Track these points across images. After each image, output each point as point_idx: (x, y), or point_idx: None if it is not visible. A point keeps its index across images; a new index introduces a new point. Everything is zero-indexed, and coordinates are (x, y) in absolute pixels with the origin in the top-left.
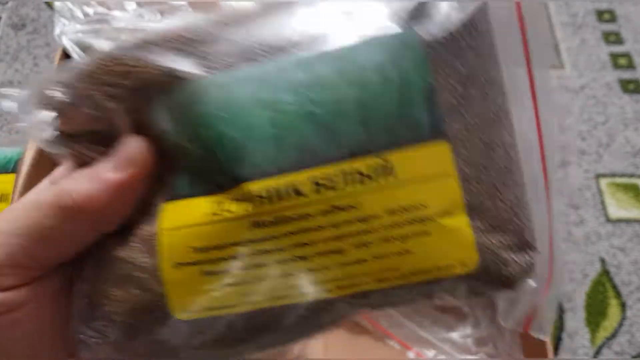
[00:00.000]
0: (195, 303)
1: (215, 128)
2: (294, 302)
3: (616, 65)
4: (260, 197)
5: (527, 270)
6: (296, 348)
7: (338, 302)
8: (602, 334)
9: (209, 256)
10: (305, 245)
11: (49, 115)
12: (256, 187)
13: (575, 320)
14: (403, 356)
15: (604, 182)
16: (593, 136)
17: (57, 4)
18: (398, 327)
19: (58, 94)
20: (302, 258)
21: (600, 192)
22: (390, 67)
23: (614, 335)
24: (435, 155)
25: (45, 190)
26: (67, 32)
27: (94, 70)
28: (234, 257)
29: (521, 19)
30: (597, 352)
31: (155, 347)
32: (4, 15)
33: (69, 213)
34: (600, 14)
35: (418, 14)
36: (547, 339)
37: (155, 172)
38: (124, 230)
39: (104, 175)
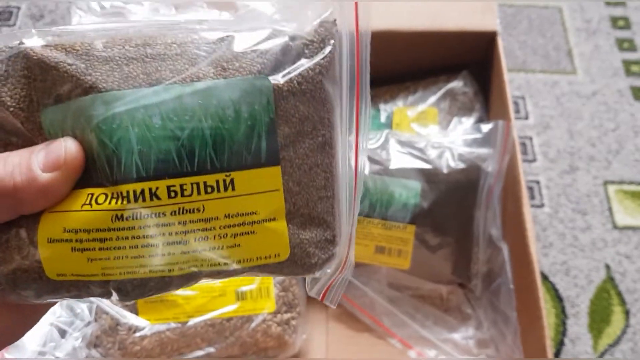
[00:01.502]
0: (64, 270)
1: (97, 137)
2: (143, 276)
3: (629, 72)
4: (124, 196)
5: (328, 261)
6: (298, 344)
7: (175, 279)
8: (605, 340)
9: (76, 236)
10: (156, 236)
11: None
12: (121, 188)
13: (579, 326)
14: (404, 355)
15: (612, 188)
16: (603, 142)
17: None
18: (400, 326)
19: None
20: (153, 245)
21: (608, 198)
22: (243, 105)
23: (616, 342)
24: (269, 176)
25: None
26: (83, 24)
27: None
28: (96, 240)
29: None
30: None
31: (33, 295)
32: (23, 6)
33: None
34: (614, 20)
35: (272, 61)
36: (333, 306)
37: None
38: None
39: (34, 171)
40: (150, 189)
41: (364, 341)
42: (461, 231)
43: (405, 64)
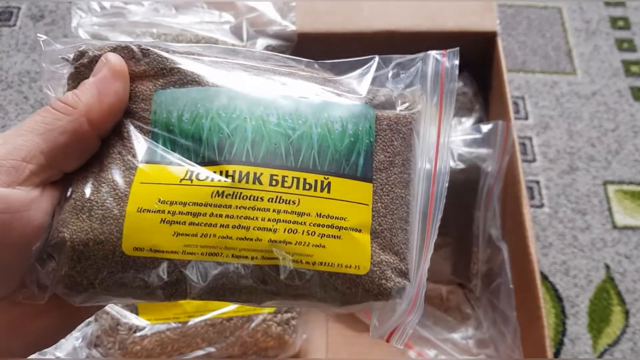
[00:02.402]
0: (144, 243)
1: (214, 121)
2: (223, 260)
3: (628, 73)
4: (229, 175)
5: (399, 290)
6: (298, 344)
7: (256, 270)
8: (605, 340)
9: (170, 208)
10: (249, 219)
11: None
12: (227, 168)
13: (578, 326)
14: (404, 355)
15: (611, 189)
16: (602, 143)
17: None
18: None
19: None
20: (244, 227)
21: (607, 198)
22: (349, 124)
23: (616, 342)
24: (361, 189)
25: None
26: (83, 24)
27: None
28: (189, 213)
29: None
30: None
31: (92, 276)
32: (23, 6)
33: (66, 111)
34: (614, 21)
35: (376, 99)
36: (400, 347)
37: (127, 80)
38: (96, 181)
39: (87, 81)
40: (255, 173)
41: (364, 341)
42: (461, 231)
43: None
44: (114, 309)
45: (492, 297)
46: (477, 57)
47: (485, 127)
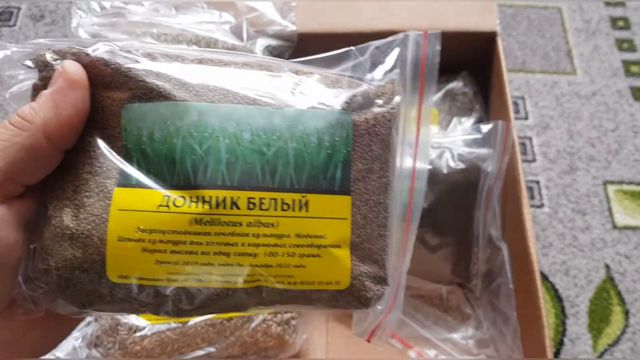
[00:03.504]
0: (129, 271)
1: (185, 141)
2: (207, 285)
3: (628, 73)
4: (205, 201)
5: (379, 297)
6: (298, 344)
7: (240, 291)
8: (605, 340)
9: (150, 237)
10: (229, 245)
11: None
12: (204, 193)
13: (578, 326)
14: (404, 355)
15: (611, 189)
16: (602, 143)
17: None
18: (400, 327)
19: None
20: (224, 254)
21: (607, 198)
22: (326, 135)
23: (616, 342)
24: (340, 203)
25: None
26: (83, 25)
27: (89, 64)
28: (170, 242)
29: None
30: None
31: (83, 300)
32: (23, 6)
33: (23, 127)
34: (614, 21)
35: (353, 102)
36: (380, 347)
37: (87, 90)
38: (74, 205)
39: (43, 92)
40: (232, 198)
41: (364, 341)
42: (461, 231)
43: None
44: None
45: (492, 297)
46: (477, 57)
47: (485, 127)
